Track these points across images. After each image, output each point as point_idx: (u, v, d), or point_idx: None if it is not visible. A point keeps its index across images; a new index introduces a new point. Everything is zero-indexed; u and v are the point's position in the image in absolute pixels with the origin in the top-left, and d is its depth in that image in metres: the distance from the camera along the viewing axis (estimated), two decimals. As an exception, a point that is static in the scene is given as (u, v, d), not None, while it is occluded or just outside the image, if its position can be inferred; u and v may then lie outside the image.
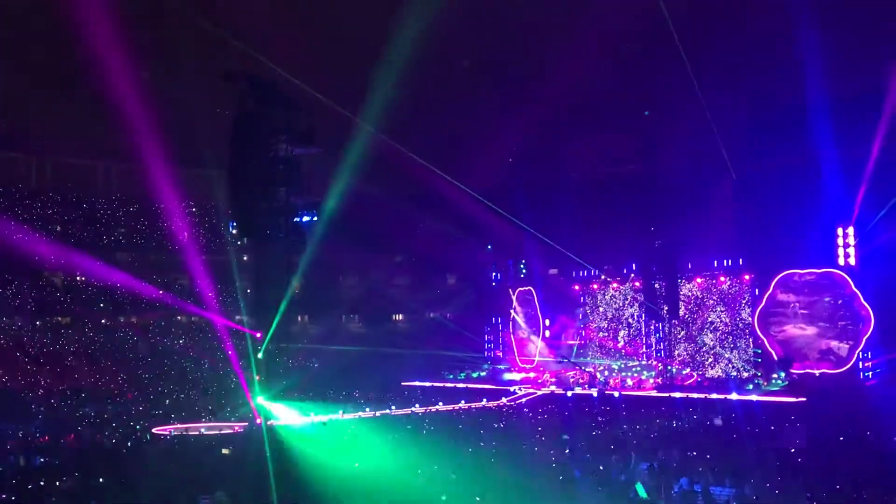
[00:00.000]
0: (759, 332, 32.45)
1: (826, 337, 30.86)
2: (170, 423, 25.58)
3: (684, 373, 34.71)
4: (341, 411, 27.39)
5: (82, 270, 37.86)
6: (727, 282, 34.58)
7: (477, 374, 40.10)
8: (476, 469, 17.00)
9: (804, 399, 27.35)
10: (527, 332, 40.50)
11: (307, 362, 38.62)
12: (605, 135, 35.63)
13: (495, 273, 42.65)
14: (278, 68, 21.84)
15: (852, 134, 27.62)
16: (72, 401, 30.45)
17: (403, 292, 43.25)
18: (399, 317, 45.08)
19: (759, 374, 32.59)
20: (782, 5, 24.47)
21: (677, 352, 35.45)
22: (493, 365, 41.34)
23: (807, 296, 31.48)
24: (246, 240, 37.48)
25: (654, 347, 35.99)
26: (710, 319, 34.78)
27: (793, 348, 31.43)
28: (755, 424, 23.23)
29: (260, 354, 26.45)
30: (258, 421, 25.19)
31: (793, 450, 19.51)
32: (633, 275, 37.50)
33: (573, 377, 36.67)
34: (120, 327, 38.49)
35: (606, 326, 38.61)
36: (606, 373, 36.86)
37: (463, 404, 30.94)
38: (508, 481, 15.65)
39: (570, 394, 32.92)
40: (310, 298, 41.49)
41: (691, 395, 30.10)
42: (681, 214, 33.46)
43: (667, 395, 30.88)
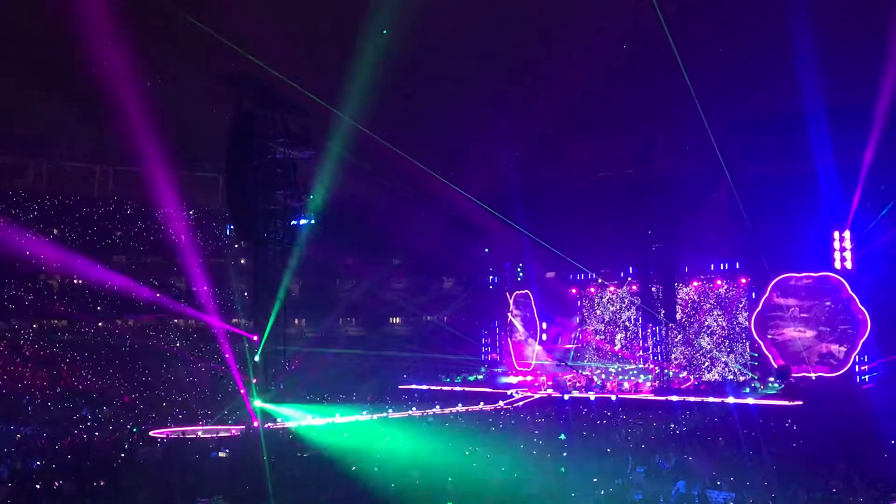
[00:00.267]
0: (755, 336, 32.47)
1: (826, 340, 30.89)
2: (167, 427, 25.53)
3: (681, 376, 34.73)
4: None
5: (79, 273, 37.80)
6: (724, 285, 34.65)
7: (474, 378, 40.06)
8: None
9: (801, 403, 27.39)
10: (524, 336, 40.48)
11: (305, 365, 38.53)
12: (602, 139, 35.73)
13: (492, 276, 42.67)
14: (276, 71, 21.83)
15: (848, 138, 27.70)
16: (69, 404, 30.37)
17: (400, 295, 43.20)
18: (396, 320, 45.05)
19: (756, 377, 32.64)
20: (779, 10, 24.59)
21: (674, 355, 35.49)
22: (490, 368, 41.32)
23: (804, 299, 31.51)
24: (243, 242, 37.62)
25: (651, 351, 36.03)
26: (706, 323, 34.83)
27: (790, 352, 31.44)
28: (752, 428, 23.24)
29: (256, 357, 26.43)
30: (255, 424, 25.16)
31: (789, 452, 19.54)
32: (629, 278, 37.55)
33: (570, 380, 36.65)
34: (117, 330, 38.43)
35: (603, 330, 38.65)
36: (603, 376, 36.85)
37: (460, 407, 30.94)
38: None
39: (567, 397, 32.91)
40: (307, 301, 41.52)
41: (688, 399, 30.13)
42: (677, 218, 33.54)
43: (664, 398, 30.89)
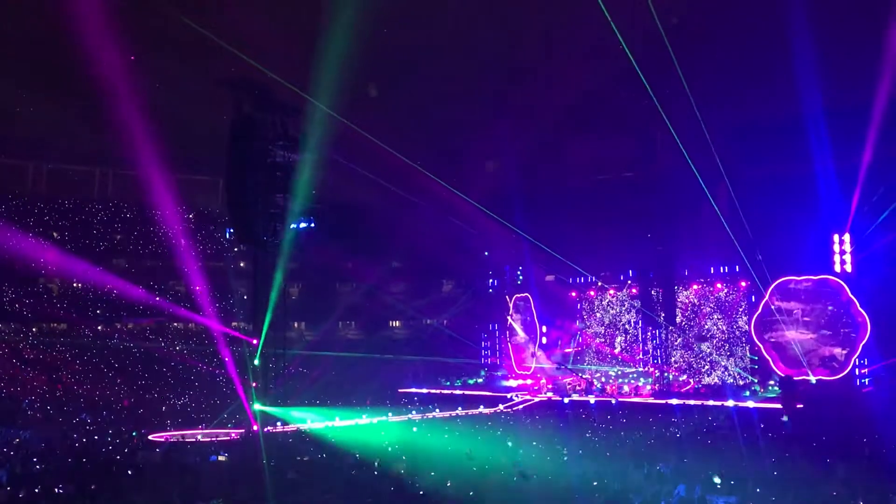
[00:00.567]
0: (755, 339, 32.45)
1: (828, 344, 30.86)
2: (166, 430, 25.50)
3: (681, 379, 34.70)
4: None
5: (78, 277, 37.81)
6: (724, 289, 34.65)
7: (474, 381, 40.05)
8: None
9: (801, 406, 27.37)
10: (524, 339, 40.46)
11: (304, 368, 38.53)
12: (602, 142, 35.71)
13: (492, 279, 42.66)
14: (275, 75, 21.87)
15: (847, 141, 27.72)
16: (68, 407, 30.33)
17: (400, 299, 43.20)
18: (396, 323, 45.04)
19: (756, 380, 32.63)
20: (778, 13, 24.62)
21: (674, 358, 35.46)
22: (489, 371, 41.30)
23: (805, 302, 31.48)
24: (243, 246, 37.65)
25: (651, 354, 36.00)
26: (706, 326, 34.82)
27: (790, 355, 31.42)
28: (752, 431, 23.22)
29: (256, 361, 26.45)
30: (255, 427, 25.16)
31: (788, 455, 19.52)
32: (629, 281, 37.55)
33: (570, 384, 36.63)
34: (116, 333, 38.41)
35: (603, 333, 38.62)
36: (603, 379, 36.83)
37: (460, 411, 30.91)
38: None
39: (566, 400, 32.89)
40: (306, 305, 41.53)
41: (688, 402, 30.11)
42: (677, 221, 33.51)
43: (663, 401, 30.88)
